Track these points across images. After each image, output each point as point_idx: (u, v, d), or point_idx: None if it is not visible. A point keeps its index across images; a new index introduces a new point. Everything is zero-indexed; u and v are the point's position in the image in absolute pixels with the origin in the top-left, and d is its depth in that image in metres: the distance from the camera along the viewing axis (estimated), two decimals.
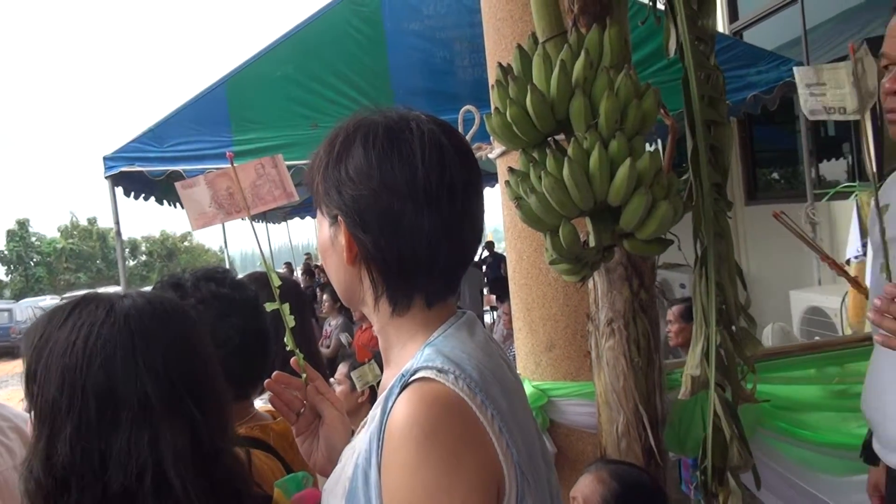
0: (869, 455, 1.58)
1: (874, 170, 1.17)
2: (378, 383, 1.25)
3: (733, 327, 1.60)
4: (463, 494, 0.79)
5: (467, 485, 0.80)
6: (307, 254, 17.66)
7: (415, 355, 0.89)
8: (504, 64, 1.68)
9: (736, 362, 1.61)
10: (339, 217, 0.92)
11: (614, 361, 2.08)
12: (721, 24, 7.01)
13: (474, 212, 0.94)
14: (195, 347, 1.02)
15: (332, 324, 6.91)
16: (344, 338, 5.37)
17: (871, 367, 1.51)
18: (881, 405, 1.46)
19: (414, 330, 0.94)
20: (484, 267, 11.47)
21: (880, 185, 1.60)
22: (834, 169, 6.28)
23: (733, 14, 7.08)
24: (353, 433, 1.06)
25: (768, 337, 4.72)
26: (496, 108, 1.61)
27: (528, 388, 2.33)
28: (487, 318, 9.57)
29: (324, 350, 6.91)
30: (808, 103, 1.24)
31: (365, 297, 0.96)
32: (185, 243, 41.23)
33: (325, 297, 7.19)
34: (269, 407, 1.65)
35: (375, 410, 0.90)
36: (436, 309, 0.94)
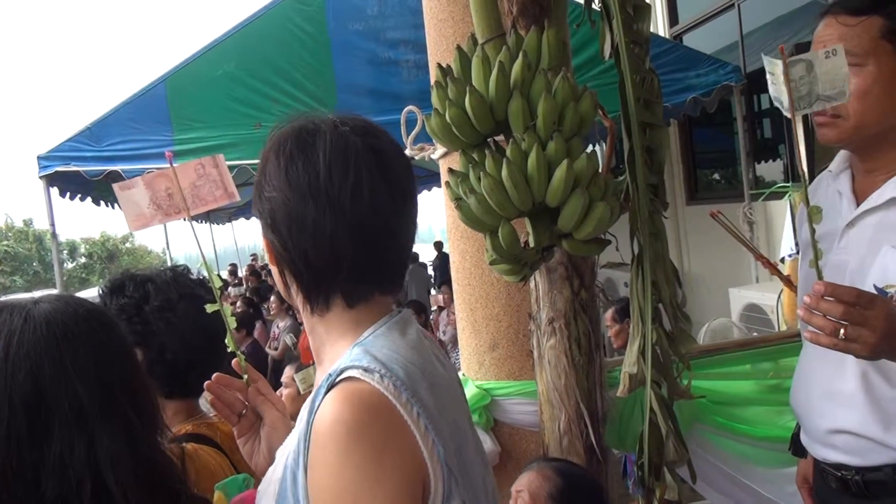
0: (797, 448, 1.63)
1: (804, 170, 1.21)
2: None
3: (669, 325, 1.63)
4: (386, 493, 0.80)
5: (391, 484, 0.81)
6: (253, 255, 17.42)
7: (343, 355, 0.90)
8: (444, 65, 1.69)
9: (672, 359, 1.64)
10: (260, 220, 0.95)
11: (556, 360, 2.10)
12: (661, 28, 7.16)
13: (389, 212, 0.94)
14: (123, 347, 1.00)
15: (280, 326, 6.85)
16: (289, 339, 5.32)
17: (800, 363, 1.56)
18: (807, 399, 1.51)
19: (343, 329, 0.95)
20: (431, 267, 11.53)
21: (809, 184, 1.65)
22: (770, 170, 6.47)
23: (673, 18, 7.24)
24: None
25: (717, 331, 4.85)
26: (435, 109, 1.61)
27: (472, 389, 2.34)
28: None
29: (271, 352, 6.84)
30: (771, 90, 1.29)
31: (292, 296, 0.98)
32: (127, 245, 40.22)
33: (272, 298, 7.12)
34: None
35: (303, 411, 0.90)
36: (362, 308, 0.95)
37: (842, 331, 1.15)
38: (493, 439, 2.37)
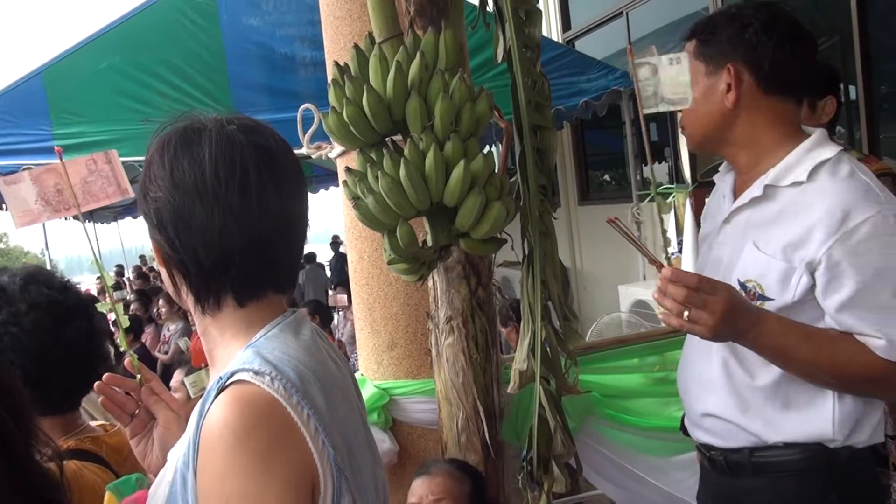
0: (685, 429, 1.73)
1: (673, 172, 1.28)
2: None
3: (558, 322, 1.68)
4: (275, 493, 0.81)
5: (278, 486, 0.82)
6: (141, 256, 16.72)
7: (235, 356, 0.90)
8: (341, 63, 1.67)
9: (560, 356, 1.69)
10: (146, 221, 0.94)
11: (454, 358, 2.13)
12: (555, 34, 7.36)
13: (278, 209, 0.94)
14: None
15: (171, 328, 6.60)
16: (183, 343, 5.14)
17: (683, 351, 1.65)
18: (686, 384, 1.61)
19: (235, 330, 0.95)
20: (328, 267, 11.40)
21: (695, 187, 1.76)
22: (657, 171, 6.76)
23: (566, 24, 7.45)
24: None
25: (607, 326, 5.02)
26: (333, 108, 1.60)
27: (370, 389, 2.33)
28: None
29: (161, 356, 6.58)
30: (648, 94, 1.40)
31: (182, 297, 0.97)
32: (1, 245, 37.76)
33: (160, 301, 6.85)
34: (102, 421, 1.56)
35: (194, 414, 0.90)
36: (253, 308, 0.95)
37: (686, 313, 1.28)
38: (392, 438, 2.37)
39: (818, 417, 1.40)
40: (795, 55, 1.43)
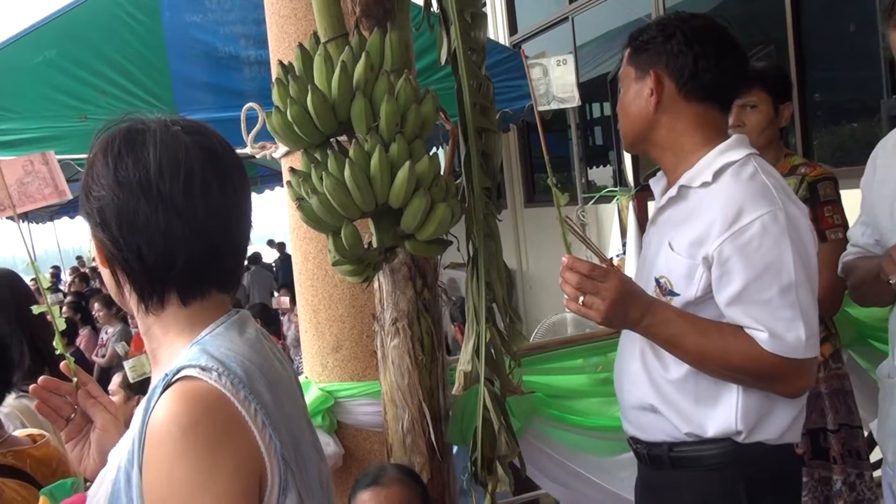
0: None
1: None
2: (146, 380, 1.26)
3: (502, 324, 1.70)
4: (224, 486, 0.83)
5: (225, 479, 0.83)
6: (78, 257, 16.24)
7: (181, 354, 0.92)
8: (286, 62, 1.65)
9: (504, 357, 1.71)
10: (88, 221, 0.96)
11: (399, 360, 2.12)
12: (502, 37, 7.42)
13: (222, 209, 0.96)
14: None
15: (109, 332, 6.43)
16: (121, 347, 5.01)
17: (619, 349, 1.70)
18: (618, 378, 1.67)
19: (179, 328, 0.97)
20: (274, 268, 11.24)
21: (637, 190, 1.81)
22: (602, 175, 6.87)
23: (513, 27, 7.52)
24: None
25: (553, 326, 5.07)
26: (277, 108, 1.58)
27: (315, 391, 2.31)
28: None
29: (98, 360, 6.41)
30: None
31: (126, 299, 0.98)
32: None
33: (97, 305, 6.66)
34: (30, 431, 1.51)
35: (138, 411, 0.91)
36: (197, 307, 0.97)
37: (581, 298, 1.39)
38: (337, 441, 2.35)
39: (724, 411, 1.46)
40: (719, 65, 1.50)
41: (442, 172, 1.76)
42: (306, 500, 0.93)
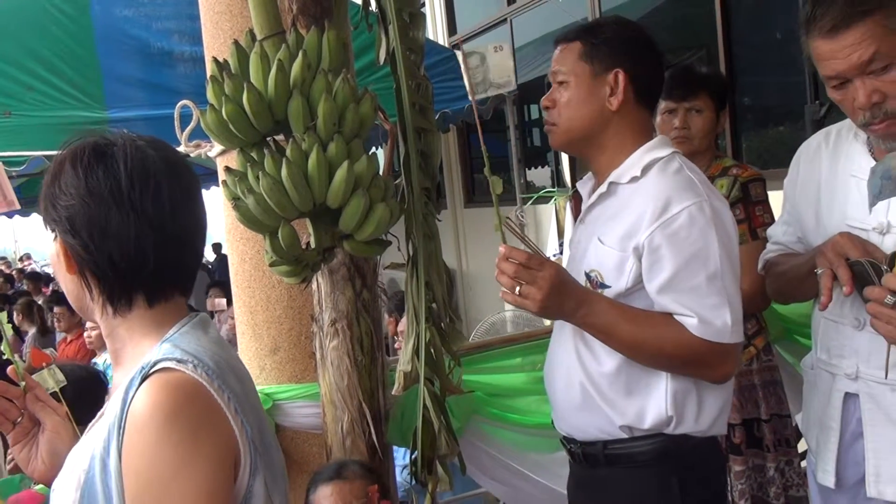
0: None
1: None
2: (62, 389, 1.28)
3: (442, 324, 1.70)
4: (204, 469, 0.90)
5: (207, 460, 0.90)
6: (3, 258, 15.62)
7: (152, 350, 0.98)
8: (221, 59, 1.62)
9: (444, 357, 1.71)
10: (55, 229, 1.01)
11: (338, 361, 2.11)
12: (441, 37, 7.43)
13: (186, 216, 1.05)
14: None
15: (30, 334, 6.20)
16: (49, 351, 4.83)
17: (549, 346, 1.72)
18: (551, 377, 1.68)
19: (145, 329, 1.03)
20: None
21: (575, 191, 1.84)
22: (540, 175, 6.95)
23: (452, 28, 7.54)
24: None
25: (493, 325, 5.11)
26: (211, 105, 1.55)
27: None
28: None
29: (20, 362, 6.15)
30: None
31: (91, 303, 1.04)
32: None
33: (57, 309, 6.40)
34: None
35: (114, 403, 0.96)
36: (161, 309, 1.04)
37: (517, 288, 1.39)
38: (276, 444, 2.32)
39: (655, 399, 1.50)
40: (662, 73, 1.60)
41: (381, 172, 1.75)
42: (271, 483, 1.00)
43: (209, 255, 12.59)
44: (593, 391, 1.54)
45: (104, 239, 0.98)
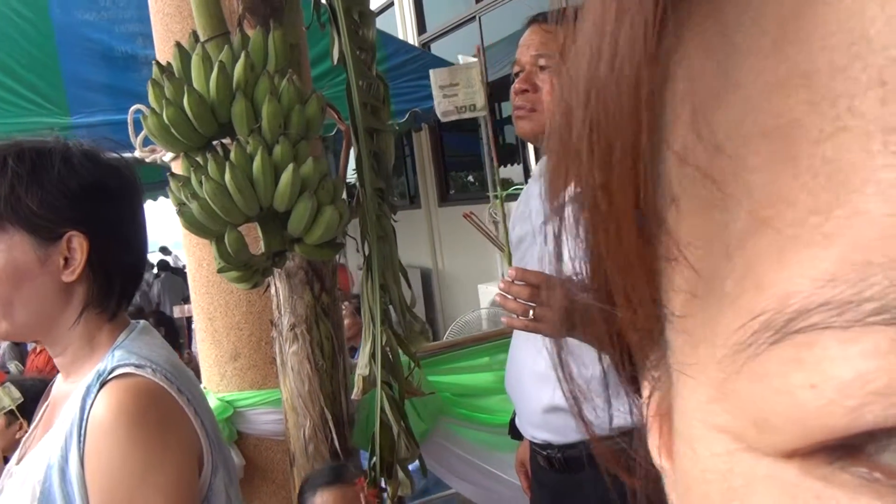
0: (514, 432, 1.75)
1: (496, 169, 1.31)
2: (19, 406, 1.26)
3: (398, 326, 1.68)
4: (173, 467, 0.92)
5: (175, 458, 0.93)
6: None
7: (104, 359, 0.98)
8: (164, 62, 1.59)
9: (402, 359, 1.69)
10: (70, 231, 1.00)
11: (299, 366, 2.08)
12: (411, 36, 7.39)
13: (144, 227, 1.14)
14: None
15: (2, 347, 6.09)
16: (14, 366, 4.74)
17: (511, 351, 1.68)
18: (517, 383, 1.63)
19: (103, 339, 1.04)
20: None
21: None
22: (514, 172, 6.93)
23: (421, 26, 7.51)
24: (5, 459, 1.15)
25: (467, 324, 5.09)
26: (152, 109, 1.51)
27: (213, 401, 2.23)
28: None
29: None
30: (441, 105, 1.40)
31: (65, 316, 1.02)
32: None
33: None
34: None
35: (68, 412, 0.96)
36: (119, 318, 1.07)
37: (531, 312, 1.25)
38: (238, 452, 2.29)
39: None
40: None
41: (338, 174, 1.73)
42: (227, 480, 1.04)
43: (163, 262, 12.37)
44: (578, 393, 1.50)
45: (118, 243, 1.05)
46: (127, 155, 1.93)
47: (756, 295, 0.16)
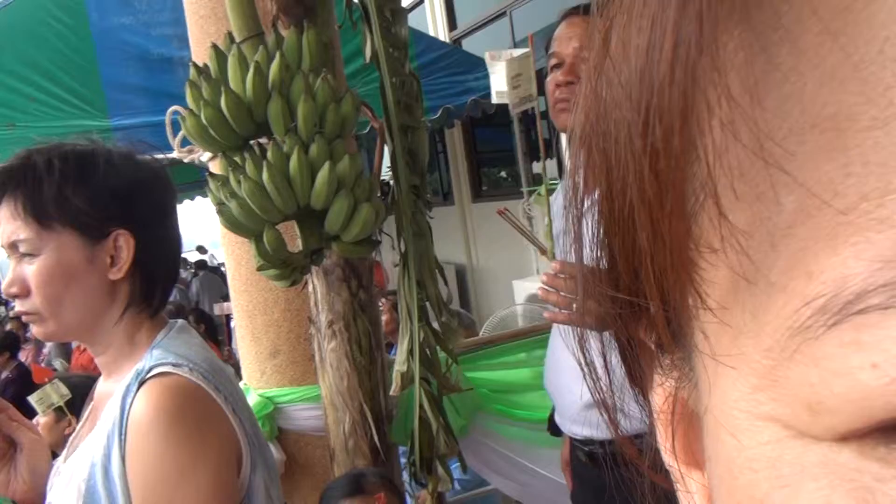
0: (553, 428, 1.74)
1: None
2: (67, 403, 1.28)
3: (435, 322, 1.68)
4: (211, 466, 0.92)
5: (214, 457, 0.93)
6: None
7: (143, 357, 0.99)
8: (201, 64, 1.61)
9: (440, 355, 1.69)
10: (117, 229, 1.01)
11: (337, 363, 2.09)
12: (442, 33, 7.39)
13: (179, 230, 1.16)
14: None
15: (49, 346, 6.23)
16: (59, 364, 4.86)
17: (549, 346, 1.67)
18: (558, 380, 1.62)
19: (143, 337, 1.05)
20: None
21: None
22: (548, 167, 6.89)
23: (452, 23, 7.50)
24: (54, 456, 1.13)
25: (503, 320, 5.07)
26: (190, 110, 1.53)
27: (254, 398, 2.26)
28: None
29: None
30: (511, 97, 1.40)
31: (109, 314, 1.03)
32: None
33: None
34: None
35: (110, 411, 0.97)
36: (159, 317, 1.09)
37: (574, 305, 1.21)
38: (279, 448, 2.31)
39: None
40: None
41: (373, 171, 1.73)
42: (268, 478, 1.05)
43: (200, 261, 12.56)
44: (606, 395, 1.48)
45: (164, 240, 1.08)
46: (164, 156, 1.96)
47: (808, 281, 0.16)
